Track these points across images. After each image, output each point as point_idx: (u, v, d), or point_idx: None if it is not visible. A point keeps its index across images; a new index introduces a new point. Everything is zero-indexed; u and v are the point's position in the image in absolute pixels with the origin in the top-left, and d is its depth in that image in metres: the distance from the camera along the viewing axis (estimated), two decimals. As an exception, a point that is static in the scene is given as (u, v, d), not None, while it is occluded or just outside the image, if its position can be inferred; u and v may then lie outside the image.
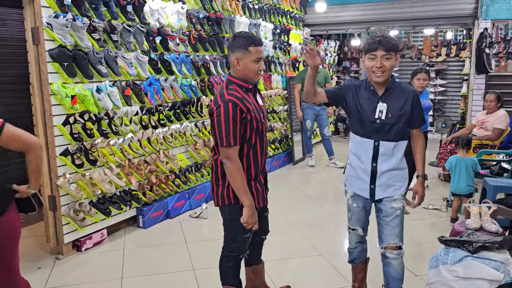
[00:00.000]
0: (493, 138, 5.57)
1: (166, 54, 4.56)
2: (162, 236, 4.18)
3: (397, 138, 2.47)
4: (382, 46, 2.35)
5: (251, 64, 2.33)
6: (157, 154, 4.51)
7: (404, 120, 2.46)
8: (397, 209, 2.51)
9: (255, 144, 2.44)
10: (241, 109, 2.29)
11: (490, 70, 6.99)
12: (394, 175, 2.50)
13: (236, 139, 2.28)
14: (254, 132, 2.40)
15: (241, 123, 2.30)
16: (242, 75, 2.37)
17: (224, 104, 2.25)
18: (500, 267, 2.26)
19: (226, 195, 2.44)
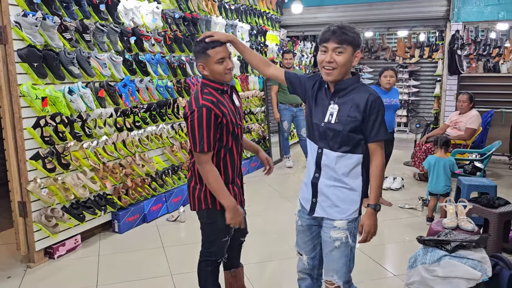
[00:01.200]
0: (466, 137, 5.69)
1: (141, 54, 4.47)
2: (138, 241, 4.08)
3: (343, 149, 2.06)
4: (335, 37, 1.98)
5: (215, 66, 2.27)
6: (132, 157, 4.41)
7: (351, 129, 2.04)
8: (336, 239, 2.10)
9: (231, 147, 2.40)
10: (216, 114, 2.24)
11: (462, 71, 7.16)
12: (338, 195, 2.09)
13: (210, 145, 2.24)
14: (230, 136, 2.36)
15: (216, 128, 2.26)
16: (213, 78, 2.33)
17: (198, 109, 2.21)
18: (477, 266, 2.29)
19: (204, 198, 2.38)
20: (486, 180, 4.32)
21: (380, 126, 2.03)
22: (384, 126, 2.04)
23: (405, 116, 10.09)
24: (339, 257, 2.12)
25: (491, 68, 8.09)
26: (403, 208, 4.94)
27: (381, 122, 2.03)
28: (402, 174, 6.25)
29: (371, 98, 2.03)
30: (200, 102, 2.23)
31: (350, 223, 2.10)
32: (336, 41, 1.98)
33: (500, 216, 3.30)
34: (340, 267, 2.13)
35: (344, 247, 2.10)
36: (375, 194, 2.08)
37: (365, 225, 2.08)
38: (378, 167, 2.06)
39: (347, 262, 2.13)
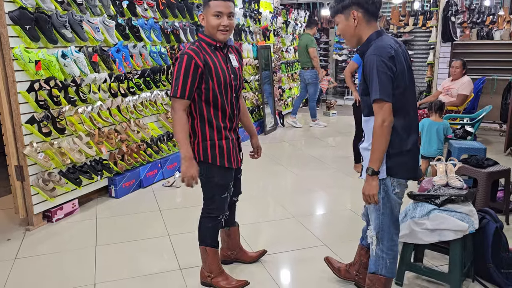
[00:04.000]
0: (457, 103, 5.75)
1: (134, 19, 4.42)
2: (135, 205, 4.15)
3: (365, 113, 2.17)
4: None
5: (211, 19, 2.30)
6: (127, 123, 4.43)
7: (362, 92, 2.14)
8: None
9: (222, 103, 2.43)
10: (196, 64, 2.29)
11: (456, 39, 7.15)
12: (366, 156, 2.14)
13: (184, 92, 2.30)
14: (218, 90, 2.38)
15: (195, 77, 2.30)
16: (207, 32, 2.37)
17: (180, 56, 2.30)
18: (465, 218, 2.37)
19: (197, 151, 2.45)
20: (476, 143, 4.40)
21: (372, 85, 2.00)
22: (376, 85, 1.98)
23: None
24: (372, 210, 2.23)
25: (484, 35, 8.08)
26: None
27: (373, 81, 1.99)
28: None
29: (365, 58, 2.05)
30: (185, 50, 2.31)
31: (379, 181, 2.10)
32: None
33: (488, 175, 3.39)
34: (373, 218, 2.24)
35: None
36: (371, 158, 2.05)
37: (363, 187, 2.11)
38: (373, 130, 2.03)
39: (379, 216, 2.19)
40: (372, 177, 2.06)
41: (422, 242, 2.47)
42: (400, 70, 2.02)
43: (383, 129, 1.99)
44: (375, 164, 2.04)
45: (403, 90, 2.05)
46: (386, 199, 2.15)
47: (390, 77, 1.99)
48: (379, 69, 1.98)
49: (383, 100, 1.98)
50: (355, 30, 2.09)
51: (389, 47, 2.02)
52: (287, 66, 8.58)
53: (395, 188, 2.14)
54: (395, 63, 2.00)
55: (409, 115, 2.10)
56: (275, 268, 2.95)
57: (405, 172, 2.13)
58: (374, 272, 2.27)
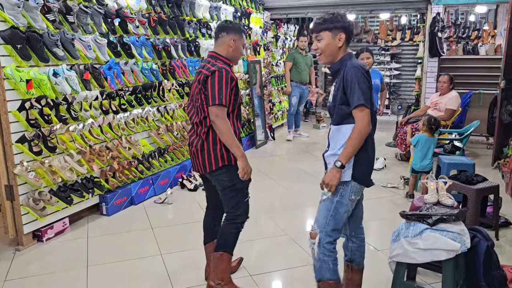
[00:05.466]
0: (445, 118, 5.84)
1: (125, 36, 4.43)
2: (127, 222, 4.12)
3: (336, 121, 2.35)
4: (314, 28, 2.35)
5: (241, 48, 2.71)
6: (119, 139, 4.41)
7: (340, 102, 2.30)
8: (324, 194, 2.38)
9: (236, 116, 2.68)
10: (232, 77, 2.56)
11: (442, 54, 7.29)
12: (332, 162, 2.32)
13: (227, 100, 2.52)
14: (237, 104, 2.65)
15: (231, 89, 2.55)
16: (230, 55, 2.67)
17: (219, 70, 2.52)
18: (457, 238, 2.40)
19: (220, 157, 2.60)
20: (465, 158, 4.47)
21: (353, 94, 2.20)
22: (358, 92, 2.18)
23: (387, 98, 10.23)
24: (322, 209, 2.39)
25: (470, 50, 8.25)
26: (385, 187, 5.08)
27: (355, 90, 2.20)
28: (384, 154, 6.39)
29: (345, 70, 2.26)
30: (219, 65, 2.56)
31: (339, 184, 2.30)
32: (315, 31, 2.33)
33: (478, 192, 3.44)
34: (321, 217, 2.38)
35: (328, 202, 2.35)
36: (343, 153, 2.24)
37: (325, 175, 2.32)
38: (354, 131, 2.23)
39: (327, 215, 2.35)
40: (338, 169, 2.25)
41: (415, 261, 2.49)
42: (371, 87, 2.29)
43: (365, 131, 2.22)
44: (345, 160, 2.24)
45: (371, 105, 2.27)
46: (339, 203, 2.33)
47: (369, 87, 2.24)
48: (360, 79, 2.21)
49: (365, 105, 2.20)
50: (337, 49, 2.32)
51: (363, 65, 2.30)
52: (277, 80, 8.64)
53: (352, 195, 2.34)
54: (369, 79, 2.27)
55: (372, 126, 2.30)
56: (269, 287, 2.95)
57: (366, 179, 2.36)
58: (320, 280, 2.38)
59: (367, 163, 2.36)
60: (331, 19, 2.30)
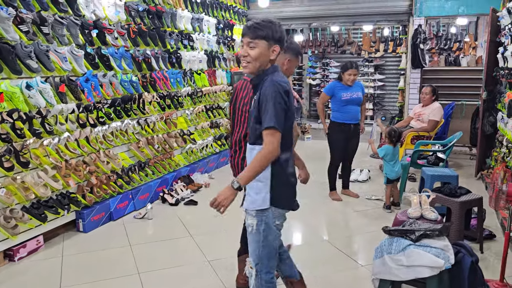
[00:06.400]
0: (429, 129, 5.85)
1: (103, 48, 4.33)
2: (104, 240, 3.97)
3: (251, 141, 2.22)
4: (249, 32, 2.12)
5: (293, 68, 2.87)
6: (96, 153, 4.29)
7: (255, 121, 2.15)
8: (249, 225, 2.24)
9: None
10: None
11: (425, 65, 7.33)
12: (251, 185, 2.18)
13: None
14: None
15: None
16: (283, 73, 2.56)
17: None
18: (440, 254, 2.35)
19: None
20: (448, 170, 4.45)
21: (266, 114, 2.05)
22: (270, 113, 2.03)
23: (371, 109, 10.28)
24: (251, 241, 2.27)
25: (452, 61, 8.34)
26: (369, 199, 5.03)
27: (267, 109, 2.05)
28: (369, 166, 6.36)
29: (263, 89, 2.11)
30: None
31: (259, 212, 2.19)
32: (249, 36, 2.11)
33: (462, 204, 3.40)
34: (252, 250, 2.28)
35: (256, 233, 2.22)
36: (243, 174, 2.08)
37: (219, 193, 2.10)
38: (259, 153, 2.07)
39: (258, 247, 2.24)
40: (233, 191, 2.07)
41: (399, 279, 2.42)
42: (290, 109, 2.12)
43: (271, 155, 2.05)
44: (244, 182, 2.08)
45: (290, 124, 2.16)
46: (267, 230, 2.21)
47: (284, 109, 2.08)
48: (276, 100, 2.05)
49: (276, 129, 2.04)
50: (267, 62, 2.15)
51: (283, 82, 2.11)
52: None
53: (276, 220, 2.23)
54: (288, 98, 2.10)
55: (290, 150, 2.23)
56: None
57: (286, 203, 2.25)
58: None
59: (285, 184, 2.21)
60: (271, 28, 2.11)
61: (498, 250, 3.59)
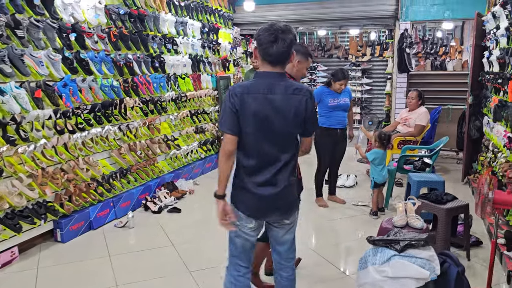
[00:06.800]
0: (415, 134, 5.82)
1: (82, 52, 4.21)
2: (83, 250, 3.84)
3: None
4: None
5: (304, 70, 3.05)
6: (75, 161, 4.15)
7: None
8: None
9: None
10: None
11: (411, 69, 7.33)
12: None
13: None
14: None
15: None
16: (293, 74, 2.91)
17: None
18: (426, 265, 2.28)
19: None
20: (435, 175, 4.41)
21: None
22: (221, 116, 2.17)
23: (359, 113, 10.25)
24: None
25: (438, 66, 8.35)
26: (356, 205, 4.97)
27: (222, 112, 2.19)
28: (356, 171, 6.30)
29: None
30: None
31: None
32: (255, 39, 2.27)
33: (448, 211, 3.35)
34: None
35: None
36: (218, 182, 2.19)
37: None
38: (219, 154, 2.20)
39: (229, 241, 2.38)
40: (217, 200, 2.18)
41: (384, 290, 2.34)
42: (246, 113, 2.10)
43: (222, 155, 2.15)
44: (218, 188, 2.18)
45: (250, 132, 2.13)
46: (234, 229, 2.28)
47: (233, 112, 2.11)
48: (226, 103, 2.14)
49: (223, 131, 2.15)
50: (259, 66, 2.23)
51: (244, 88, 2.13)
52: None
53: (237, 220, 2.25)
54: (240, 103, 2.10)
55: (253, 159, 2.17)
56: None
57: (244, 208, 2.24)
58: None
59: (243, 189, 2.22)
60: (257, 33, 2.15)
61: (485, 257, 3.54)
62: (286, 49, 2.10)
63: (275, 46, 2.07)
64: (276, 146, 2.16)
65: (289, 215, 2.28)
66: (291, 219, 2.31)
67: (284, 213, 2.26)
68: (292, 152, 2.22)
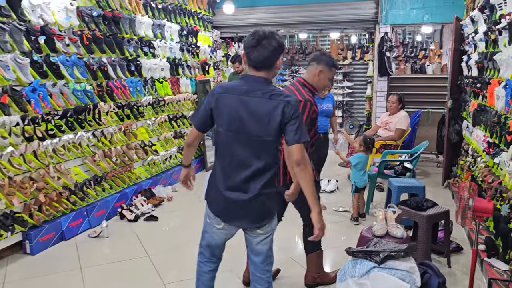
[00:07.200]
0: (395, 138, 5.80)
1: (53, 56, 4.04)
2: (53, 262, 3.67)
3: None
4: None
5: (326, 81, 2.92)
6: (46, 169, 3.98)
7: None
8: None
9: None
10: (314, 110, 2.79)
11: (391, 73, 7.33)
12: None
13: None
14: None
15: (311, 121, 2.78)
16: (315, 84, 2.88)
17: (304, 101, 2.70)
18: (406, 277, 2.21)
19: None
20: (415, 181, 4.37)
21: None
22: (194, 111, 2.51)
23: (340, 116, 10.24)
24: None
25: (418, 69, 8.39)
26: (337, 211, 4.90)
27: None
28: (337, 176, 6.25)
29: None
30: (305, 96, 2.75)
31: None
32: None
33: (428, 218, 3.30)
34: None
35: None
36: None
37: None
38: None
39: None
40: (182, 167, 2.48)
41: (364, 304, 2.26)
42: (220, 113, 2.17)
43: (184, 143, 2.43)
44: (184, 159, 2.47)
45: (222, 131, 2.19)
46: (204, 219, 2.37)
47: (206, 110, 2.22)
48: (203, 100, 2.26)
49: (191, 122, 2.39)
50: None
51: (223, 88, 2.22)
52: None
53: (207, 217, 2.34)
54: (215, 103, 2.19)
55: (225, 159, 2.21)
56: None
57: (213, 207, 2.28)
58: None
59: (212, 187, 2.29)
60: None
61: (466, 263, 3.51)
62: (268, 54, 2.09)
63: (256, 51, 2.09)
64: (248, 150, 2.14)
65: (260, 225, 2.24)
66: (264, 230, 2.26)
67: (253, 222, 2.22)
68: (267, 160, 2.16)
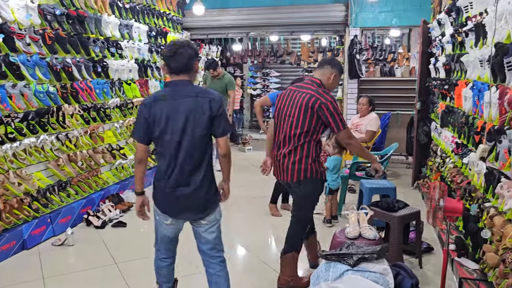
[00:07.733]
0: (366, 140, 5.83)
1: (13, 55, 3.85)
2: (13, 273, 3.48)
3: None
4: None
5: (336, 84, 3.23)
6: (5, 174, 3.78)
7: None
8: None
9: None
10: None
11: (361, 75, 7.40)
12: None
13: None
14: None
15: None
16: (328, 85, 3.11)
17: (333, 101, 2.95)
18: (379, 279, 2.18)
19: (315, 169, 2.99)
20: (386, 182, 4.40)
21: None
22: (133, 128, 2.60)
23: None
24: None
25: (387, 72, 8.52)
26: (309, 213, 4.87)
27: None
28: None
29: None
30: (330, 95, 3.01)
31: None
32: None
33: (400, 219, 3.31)
34: None
35: None
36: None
37: None
38: None
39: None
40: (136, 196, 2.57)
41: (337, 308, 2.22)
42: (154, 120, 2.35)
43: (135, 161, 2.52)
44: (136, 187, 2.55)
45: (159, 136, 2.37)
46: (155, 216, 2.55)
47: (142, 121, 2.39)
48: (137, 114, 2.44)
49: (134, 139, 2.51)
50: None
51: (152, 97, 2.43)
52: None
53: (156, 215, 2.53)
54: (147, 112, 2.36)
55: (165, 160, 2.39)
56: None
57: (160, 206, 2.48)
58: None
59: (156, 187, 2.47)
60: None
61: (437, 263, 3.54)
62: (186, 61, 2.34)
63: (174, 60, 2.34)
64: (186, 147, 2.35)
65: (203, 215, 2.46)
66: (207, 219, 2.48)
67: (197, 213, 2.45)
68: (203, 153, 2.40)
